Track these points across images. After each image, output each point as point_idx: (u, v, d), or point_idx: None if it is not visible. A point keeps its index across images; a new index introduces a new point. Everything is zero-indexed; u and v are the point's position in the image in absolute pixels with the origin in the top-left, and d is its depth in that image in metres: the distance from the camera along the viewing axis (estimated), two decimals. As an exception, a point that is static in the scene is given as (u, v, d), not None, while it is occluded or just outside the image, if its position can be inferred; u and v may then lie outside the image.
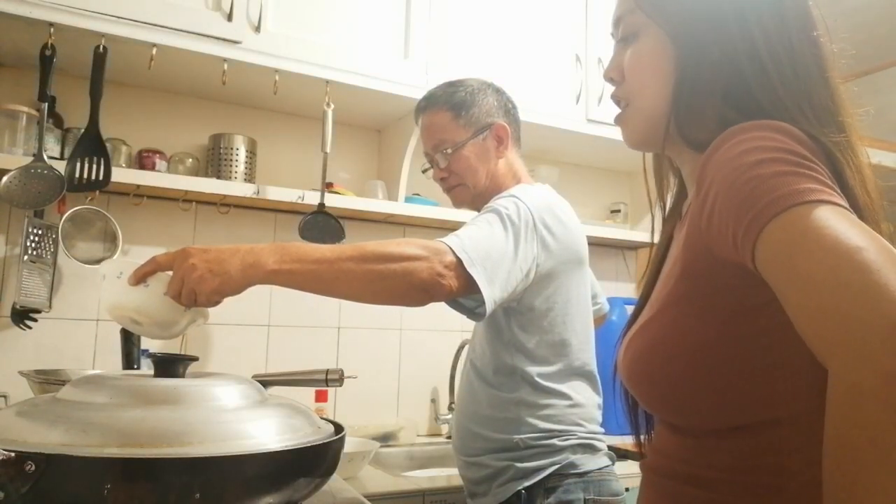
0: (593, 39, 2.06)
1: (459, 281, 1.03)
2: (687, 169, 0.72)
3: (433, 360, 2.05)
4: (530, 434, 1.18)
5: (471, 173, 1.30)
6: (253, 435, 0.65)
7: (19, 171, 1.42)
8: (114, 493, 0.55)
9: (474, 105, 1.30)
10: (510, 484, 1.17)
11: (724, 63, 0.64)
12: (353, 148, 2.06)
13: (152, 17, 1.46)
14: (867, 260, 0.43)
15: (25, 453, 0.54)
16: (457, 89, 1.31)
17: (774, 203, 0.49)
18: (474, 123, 1.29)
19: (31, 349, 1.60)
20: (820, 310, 0.45)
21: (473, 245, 1.05)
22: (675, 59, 0.67)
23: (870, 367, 0.41)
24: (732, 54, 0.64)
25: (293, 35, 1.62)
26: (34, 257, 1.56)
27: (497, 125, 1.30)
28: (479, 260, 1.04)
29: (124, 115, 1.74)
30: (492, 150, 1.30)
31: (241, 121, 1.89)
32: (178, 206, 1.78)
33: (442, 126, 1.30)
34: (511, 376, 1.21)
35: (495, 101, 1.32)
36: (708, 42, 0.65)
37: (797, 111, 0.61)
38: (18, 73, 1.63)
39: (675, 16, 0.67)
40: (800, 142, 0.55)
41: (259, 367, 1.82)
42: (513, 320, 1.21)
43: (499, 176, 1.30)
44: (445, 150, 1.30)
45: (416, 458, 1.86)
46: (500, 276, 1.07)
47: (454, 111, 1.30)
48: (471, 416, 1.27)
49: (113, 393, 0.66)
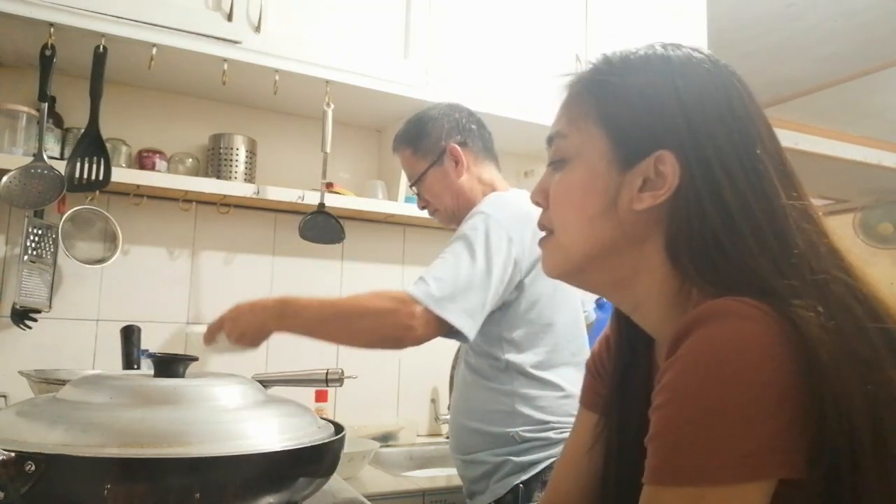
0: (593, 39, 2.06)
1: (431, 326, 1.11)
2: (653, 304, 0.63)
3: (433, 360, 2.05)
4: (525, 426, 1.20)
5: (437, 198, 1.39)
6: (253, 435, 0.65)
7: (19, 171, 1.42)
8: (114, 493, 0.55)
9: (425, 135, 1.38)
10: (508, 479, 1.19)
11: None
12: (353, 148, 2.06)
13: (152, 17, 1.46)
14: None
15: (25, 453, 0.54)
16: (411, 125, 1.41)
17: (691, 471, 0.47)
18: (430, 152, 1.37)
19: (31, 349, 1.60)
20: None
21: (440, 286, 1.12)
22: (609, 194, 0.60)
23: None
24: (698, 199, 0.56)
25: (293, 35, 1.62)
26: (34, 257, 1.56)
27: (449, 147, 1.36)
28: (447, 299, 1.11)
29: (124, 115, 1.74)
30: (451, 171, 1.36)
31: (241, 121, 1.89)
32: (178, 206, 1.78)
33: (407, 162, 1.42)
34: (503, 370, 1.24)
35: (448, 124, 1.39)
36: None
37: (769, 263, 0.53)
38: (18, 73, 1.63)
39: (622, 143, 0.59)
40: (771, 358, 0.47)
41: (259, 367, 1.82)
42: (500, 317, 1.24)
43: (465, 192, 1.36)
44: (415, 183, 1.41)
45: (416, 458, 1.86)
46: (474, 304, 1.13)
47: (412, 146, 1.40)
48: (466, 412, 1.29)
49: (113, 393, 0.66)
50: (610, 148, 0.60)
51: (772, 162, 0.57)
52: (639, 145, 0.59)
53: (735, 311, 0.49)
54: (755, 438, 0.46)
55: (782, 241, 0.54)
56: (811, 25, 2.51)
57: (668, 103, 0.58)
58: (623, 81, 0.61)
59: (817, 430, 0.46)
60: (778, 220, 0.54)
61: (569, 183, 0.63)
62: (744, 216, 0.54)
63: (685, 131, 0.57)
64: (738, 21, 2.49)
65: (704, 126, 0.57)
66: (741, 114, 0.58)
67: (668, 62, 0.60)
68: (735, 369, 0.47)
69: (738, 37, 2.60)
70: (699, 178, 0.56)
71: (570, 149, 0.64)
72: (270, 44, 1.58)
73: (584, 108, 0.63)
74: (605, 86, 0.62)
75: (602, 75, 0.63)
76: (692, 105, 0.58)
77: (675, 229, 0.57)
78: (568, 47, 2.02)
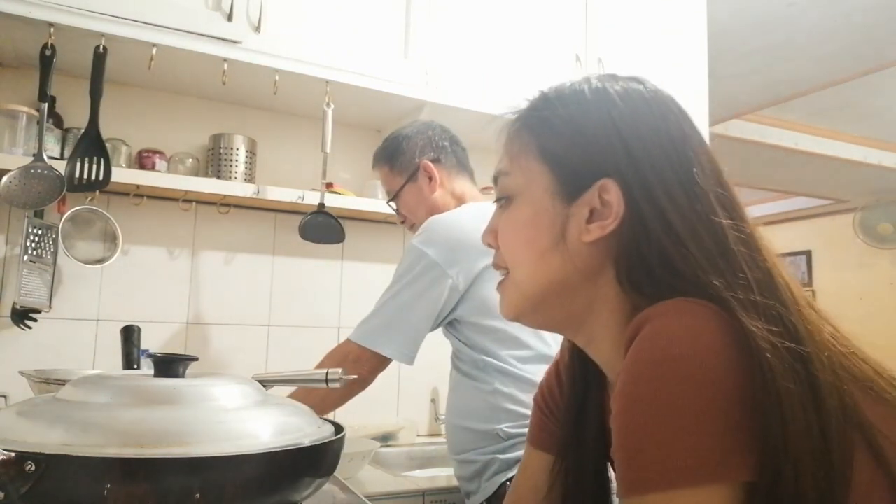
0: (593, 39, 2.06)
1: (373, 362, 1.26)
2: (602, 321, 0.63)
3: (433, 360, 2.04)
4: (508, 423, 1.23)
5: (413, 213, 1.46)
6: (253, 435, 0.65)
7: (19, 171, 1.42)
8: (114, 493, 0.55)
9: (400, 153, 1.45)
10: (496, 477, 1.21)
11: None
12: (353, 148, 2.06)
13: (152, 17, 1.46)
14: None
15: (25, 453, 0.54)
16: (388, 143, 1.48)
17: (655, 476, 0.46)
18: (405, 169, 1.44)
19: (31, 349, 1.60)
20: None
21: (369, 328, 1.27)
22: (557, 227, 0.60)
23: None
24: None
25: (293, 35, 1.62)
26: (34, 257, 1.56)
27: (422, 164, 1.42)
28: (378, 337, 1.25)
29: (124, 115, 1.74)
30: (424, 187, 1.43)
31: (241, 121, 1.89)
32: (178, 206, 1.78)
33: (385, 179, 1.50)
34: (483, 369, 1.27)
35: (421, 142, 1.44)
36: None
37: (711, 268, 0.54)
38: (18, 73, 1.63)
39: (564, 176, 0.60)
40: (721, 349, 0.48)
41: (259, 367, 1.82)
42: (462, 328, 1.30)
43: (438, 207, 1.42)
44: (392, 199, 1.48)
45: (416, 458, 1.86)
46: (406, 334, 1.26)
47: (389, 164, 1.47)
48: (457, 411, 1.32)
49: (113, 393, 0.66)
50: (553, 182, 0.61)
51: (708, 183, 0.58)
52: (580, 176, 0.59)
53: (685, 308, 0.50)
54: (711, 435, 0.45)
55: (727, 260, 0.54)
56: (811, 25, 2.51)
57: (604, 132, 0.59)
58: (559, 115, 0.62)
59: (762, 433, 0.46)
60: (721, 240, 0.55)
61: (515, 220, 0.63)
62: (690, 236, 0.55)
63: (624, 158, 0.58)
64: (738, 21, 2.49)
65: (642, 151, 0.58)
66: (677, 136, 0.59)
67: (602, 93, 0.62)
68: (686, 367, 0.47)
69: (738, 37, 2.60)
70: (643, 203, 0.56)
71: (514, 186, 0.64)
72: (270, 44, 1.58)
73: (523, 144, 0.64)
74: (542, 121, 0.63)
75: (538, 111, 0.64)
76: (628, 131, 0.59)
77: (625, 256, 0.58)
78: (568, 47, 2.02)
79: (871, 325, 4.42)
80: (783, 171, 3.95)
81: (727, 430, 0.45)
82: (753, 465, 0.45)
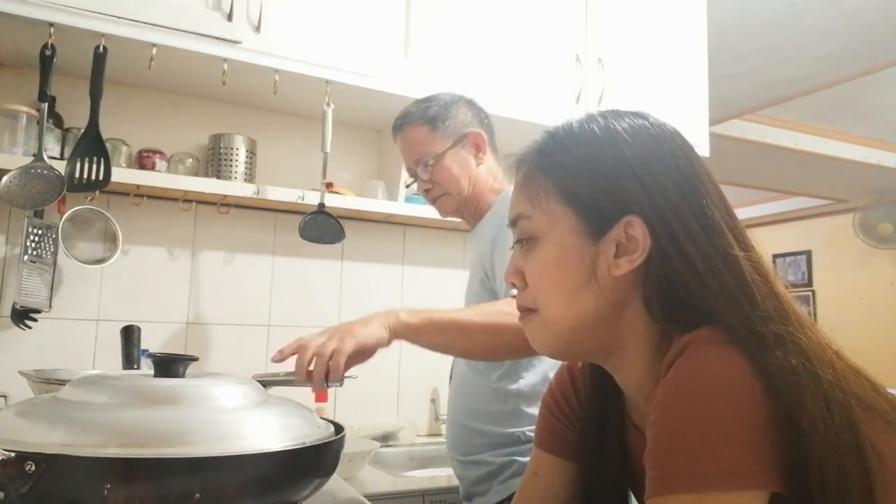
0: (593, 39, 2.06)
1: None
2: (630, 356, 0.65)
3: (433, 360, 2.03)
4: (532, 426, 1.19)
5: (454, 182, 1.34)
6: (253, 435, 0.65)
7: (19, 171, 1.42)
8: (114, 493, 0.55)
9: (449, 117, 1.35)
10: (514, 479, 1.17)
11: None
12: (353, 148, 2.06)
13: (152, 17, 1.46)
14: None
15: (25, 453, 0.54)
16: (430, 104, 1.37)
17: (688, 476, 0.49)
18: (452, 134, 1.34)
19: (31, 349, 1.60)
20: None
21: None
22: (586, 265, 0.62)
23: None
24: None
25: (293, 35, 1.62)
26: (34, 257, 1.56)
27: (473, 133, 1.36)
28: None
29: (124, 115, 1.74)
30: (471, 157, 1.36)
31: (241, 121, 1.89)
32: (178, 206, 1.78)
33: (421, 140, 1.35)
34: (507, 370, 1.22)
35: (469, 112, 1.38)
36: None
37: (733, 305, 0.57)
38: (18, 73, 1.63)
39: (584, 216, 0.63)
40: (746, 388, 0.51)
41: (259, 367, 1.81)
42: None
43: (480, 182, 1.36)
44: (427, 163, 1.35)
45: (416, 458, 1.86)
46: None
47: (431, 124, 1.35)
48: (467, 412, 1.27)
49: (113, 393, 0.66)
50: (578, 222, 0.63)
51: (720, 213, 0.61)
52: (605, 214, 0.62)
53: (721, 338, 0.55)
54: (745, 445, 0.49)
55: (746, 294, 0.58)
56: (811, 25, 2.51)
57: (621, 171, 0.62)
58: (574, 156, 0.64)
59: (790, 448, 0.49)
60: (737, 273, 0.59)
61: (544, 261, 0.65)
62: (710, 273, 0.58)
63: (643, 195, 0.61)
64: (738, 21, 2.49)
65: (656, 187, 0.61)
66: (687, 171, 0.62)
67: (612, 132, 0.64)
68: (725, 384, 0.51)
69: (738, 37, 2.60)
70: (664, 238, 0.60)
71: (537, 228, 0.66)
72: (270, 44, 1.58)
73: (540, 187, 0.66)
74: (557, 164, 0.65)
75: (551, 154, 0.66)
76: (642, 169, 0.61)
77: (652, 286, 0.61)
78: (568, 47, 2.02)
79: (871, 325, 4.42)
80: (783, 171, 3.95)
81: (761, 444, 0.49)
82: (782, 477, 0.48)
